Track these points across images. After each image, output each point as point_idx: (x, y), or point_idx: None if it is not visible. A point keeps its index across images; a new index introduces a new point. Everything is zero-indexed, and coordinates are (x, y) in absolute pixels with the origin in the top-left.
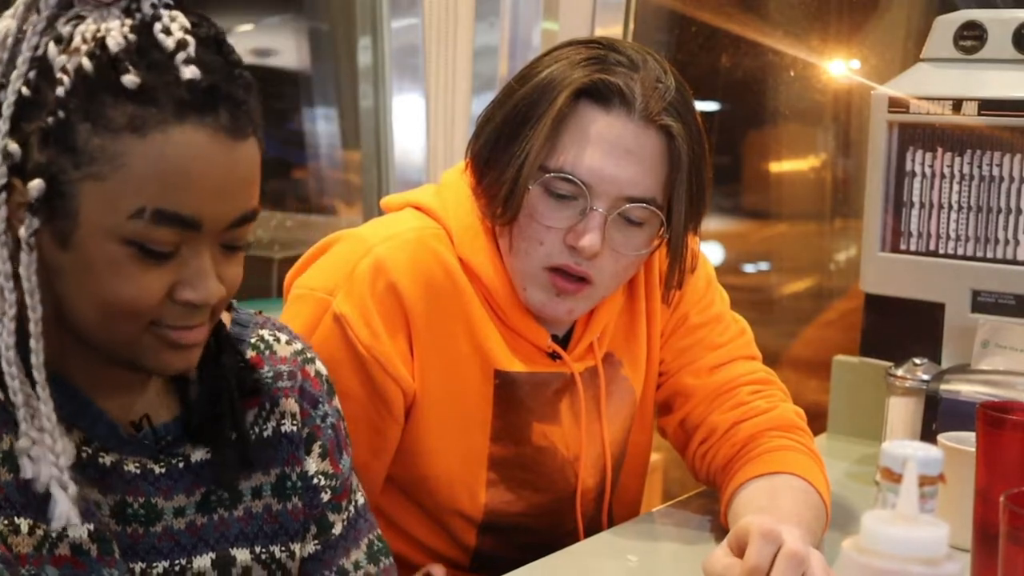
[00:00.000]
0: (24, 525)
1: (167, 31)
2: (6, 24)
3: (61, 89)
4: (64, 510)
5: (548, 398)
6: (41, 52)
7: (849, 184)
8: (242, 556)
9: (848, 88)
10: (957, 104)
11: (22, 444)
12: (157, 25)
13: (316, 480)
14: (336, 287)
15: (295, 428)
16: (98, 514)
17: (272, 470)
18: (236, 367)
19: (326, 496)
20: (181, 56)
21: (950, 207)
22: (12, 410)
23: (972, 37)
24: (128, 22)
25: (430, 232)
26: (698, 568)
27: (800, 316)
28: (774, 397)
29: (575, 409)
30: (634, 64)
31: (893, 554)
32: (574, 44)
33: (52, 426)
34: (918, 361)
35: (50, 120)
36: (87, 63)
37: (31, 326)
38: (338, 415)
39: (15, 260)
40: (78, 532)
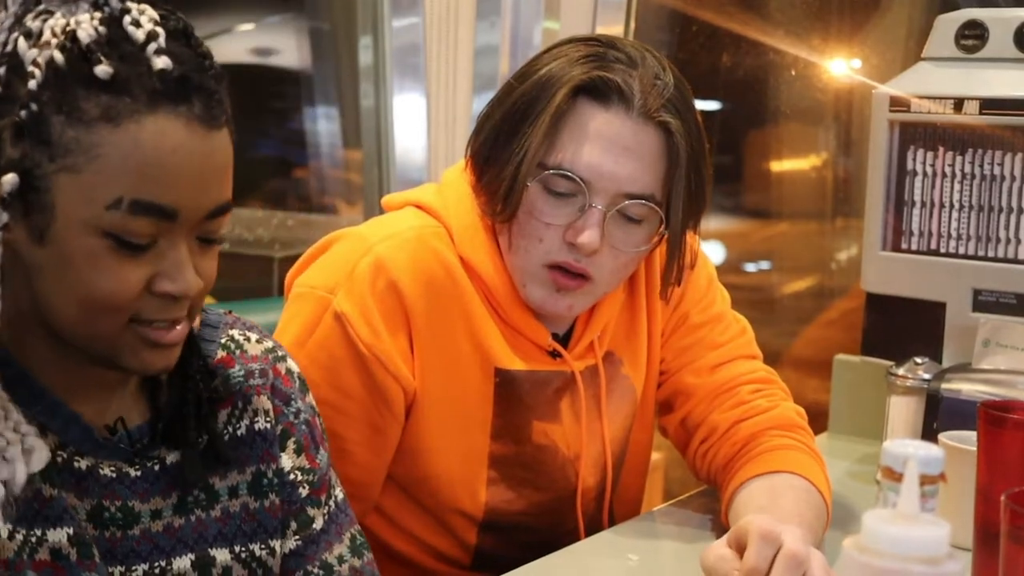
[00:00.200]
0: (3, 530)
1: (136, 23)
2: None
3: (33, 82)
4: None
5: (548, 396)
6: (11, 48)
7: (850, 183)
8: (222, 556)
9: (849, 87)
10: (958, 103)
11: None
12: (126, 18)
13: (293, 476)
14: (337, 286)
15: (268, 425)
16: (76, 518)
17: (248, 468)
18: (204, 369)
19: (304, 491)
20: (152, 47)
21: (951, 206)
22: None
23: (973, 36)
24: (97, 15)
25: (430, 231)
26: (699, 567)
27: (801, 315)
28: (775, 396)
29: (576, 408)
30: (633, 61)
31: (894, 553)
32: (573, 41)
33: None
34: (919, 360)
35: (23, 114)
36: (59, 56)
37: None
38: (312, 411)
39: None
40: (58, 536)
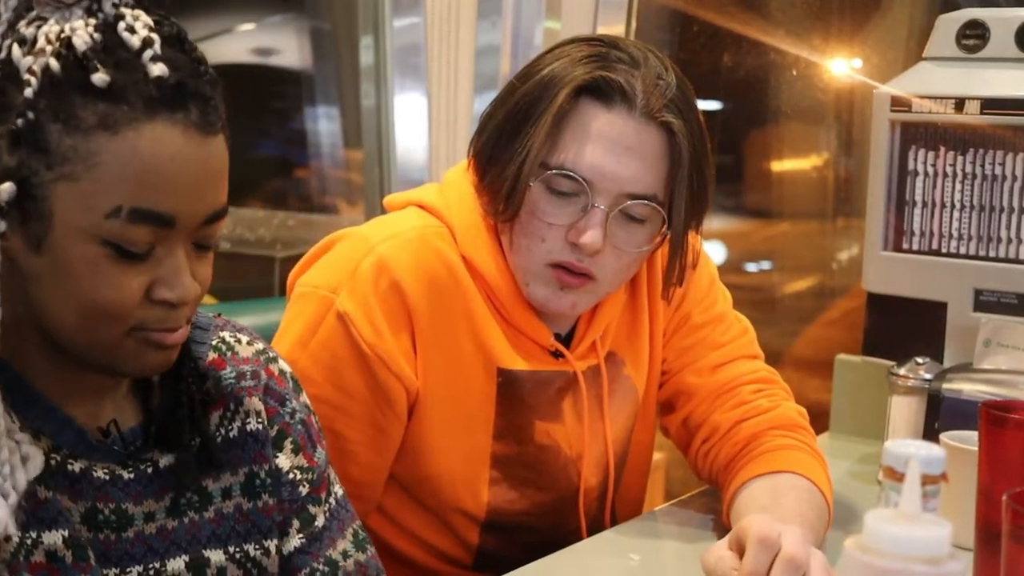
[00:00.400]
0: (15, 533)
1: (131, 30)
2: None
3: (29, 90)
4: (1, 517)
5: (551, 396)
6: (4, 55)
7: (851, 183)
8: (216, 557)
9: (850, 87)
10: (959, 103)
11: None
12: (120, 24)
13: (292, 475)
14: (339, 285)
15: (260, 426)
16: (71, 520)
17: (240, 469)
18: (195, 372)
19: (304, 489)
20: (148, 54)
21: (952, 206)
22: None
23: (974, 36)
24: (92, 22)
25: (433, 230)
26: (700, 567)
27: (802, 315)
28: (776, 396)
29: (578, 408)
30: (635, 61)
31: (896, 553)
32: (576, 41)
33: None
34: (920, 360)
35: (19, 122)
36: (54, 63)
37: None
38: (307, 410)
39: None
40: (53, 539)
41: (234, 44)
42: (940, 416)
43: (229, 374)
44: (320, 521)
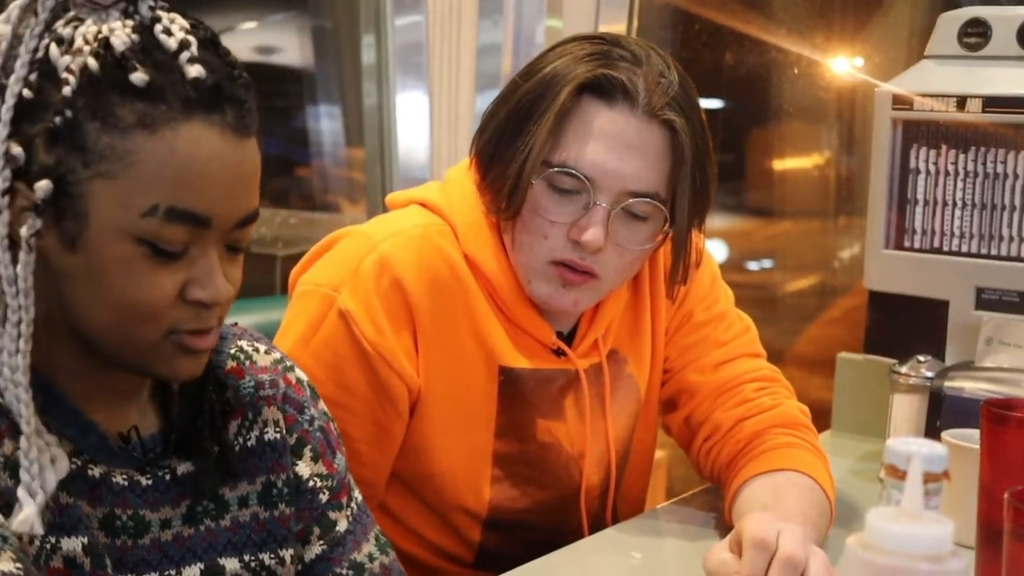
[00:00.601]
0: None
1: (168, 32)
2: (0, 29)
3: (67, 89)
4: (29, 514)
5: (552, 395)
6: (42, 54)
7: (853, 181)
8: (231, 565)
9: (852, 85)
10: (961, 101)
11: (30, 451)
12: (157, 26)
13: (312, 483)
14: (341, 283)
15: (279, 435)
16: (90, 527)
17: (257, 478)
18: (215, 380)
19: (324, 496)
20: (185, 56)
21: (954, 204)
22: (12, 416)
23: (976, 34)
24: (129, 23)
25: (435, 228)
26: (701, 566)
27: (804, 314)
28: (778, 394)
29: (580, 406)
30: (637, 59)
31: (898, 551)
32: (578, 39)
33: (31, 430)
34: (922, 358)
35: (57, 120)
36: (93, 62)
37: (22, 327)
38: (325, 417)
39: (18, 265)
40: (72, 545)
41: (236, 42)
42: (942, 414)
43: (247, 383)
44: (343, 526)
